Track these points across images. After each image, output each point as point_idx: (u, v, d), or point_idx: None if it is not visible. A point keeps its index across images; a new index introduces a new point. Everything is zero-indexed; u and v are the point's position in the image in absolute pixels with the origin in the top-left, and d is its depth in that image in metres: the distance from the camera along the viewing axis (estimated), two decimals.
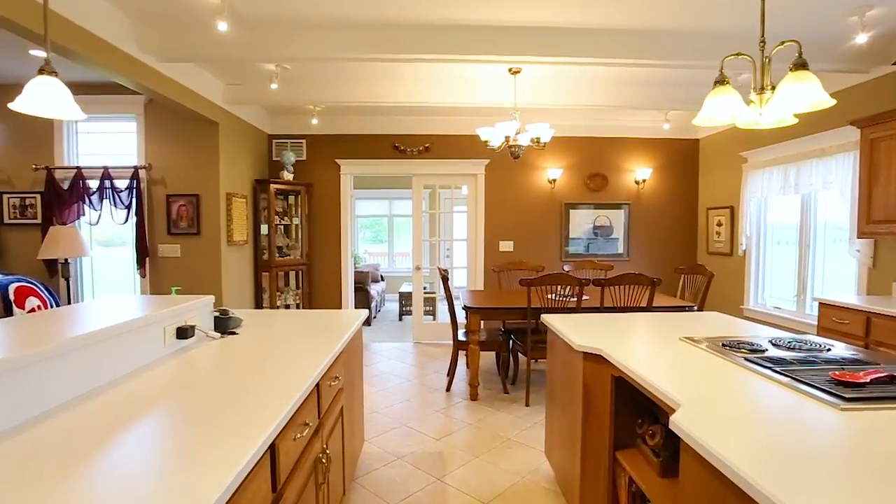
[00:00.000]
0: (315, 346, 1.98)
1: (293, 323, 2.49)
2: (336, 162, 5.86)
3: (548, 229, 6.06)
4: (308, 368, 1.67)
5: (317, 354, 1.84)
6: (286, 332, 2.25)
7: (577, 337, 2.20)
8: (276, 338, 2.14)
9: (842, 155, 4.01)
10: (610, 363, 1.96)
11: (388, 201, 10.21)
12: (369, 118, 5.79)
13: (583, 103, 4.63)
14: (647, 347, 2.02)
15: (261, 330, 2.31)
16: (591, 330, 2.37)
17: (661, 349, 1.98)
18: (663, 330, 2.36)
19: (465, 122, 5.84)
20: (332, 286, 5.96)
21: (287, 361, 1.75)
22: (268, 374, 1.59)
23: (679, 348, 1.99)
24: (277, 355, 1.83)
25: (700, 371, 1.67)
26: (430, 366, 5.06)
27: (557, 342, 2.50)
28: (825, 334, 3.47)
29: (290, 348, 1.94)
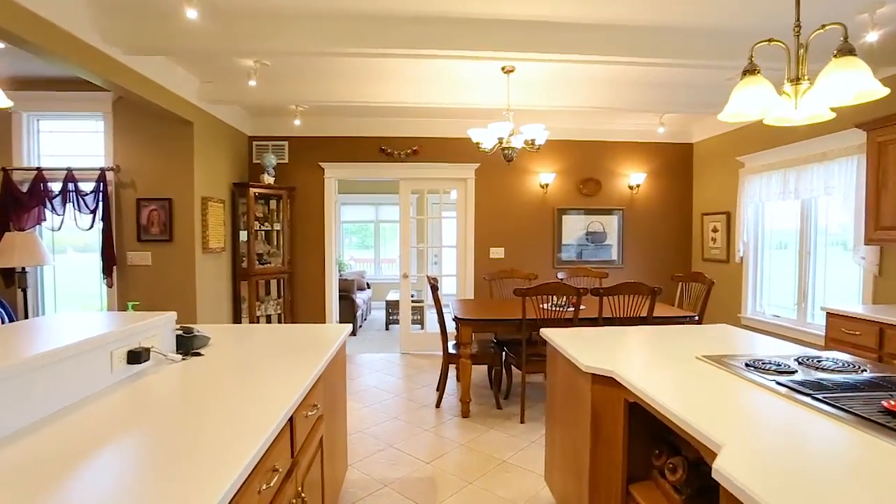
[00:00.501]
0: (291, 370, 1.73)
1: (268, 340, 2.24)
2: (320, 165, 5.61)
3: (540, 236, 5.88)
4: (280, 399, 1.42)
5: (292, 381, 1.60)
6: (258, 352, 2.00)
7: (583, 356, 1.99)
8: (246, 359, 1.89)
9: (844, 159, 3.88)
10: (622, 386, 1.75)
11: (375, 206, 9.96)
12: (355, 119, 5.56)
13: (578, 105, 4.45)
14: (663, 369, 1.82)
15: (230, 349, 2.05)
16: (595, 346, 2.16)
17: (680, 371, 1.78)
18: (675, 346, 2.16)
19: (455, 125, 5.64)
20: (316, 295, 5.69)
21: (256, 389, 1.50)
22: (231, 407, 1.35)
23: (699, 370, 1.79)
24: (245, 382, 1.58)
25: (732, 400, 1.47)
26: (419, 379, 4.81)
27: (559, 359, 2.28)
28: (834, 346, 3.32)
29: (262, 372, 1.70)
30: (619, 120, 5.59)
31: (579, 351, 2.07)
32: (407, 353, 5.86)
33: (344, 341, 2.43)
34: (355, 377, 4.86)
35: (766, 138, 4.76)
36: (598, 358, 1.96)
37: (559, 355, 2.28)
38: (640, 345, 2.21)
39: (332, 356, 2.11)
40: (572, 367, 2.06)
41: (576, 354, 2.01)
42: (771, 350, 2.11)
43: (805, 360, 1.88)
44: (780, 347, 2.17)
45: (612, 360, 1.93)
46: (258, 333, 2.42)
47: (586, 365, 1.89)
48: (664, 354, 2.02)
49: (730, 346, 2.17)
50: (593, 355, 2.00)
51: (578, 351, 2.07)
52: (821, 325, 4.20)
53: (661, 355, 2.01)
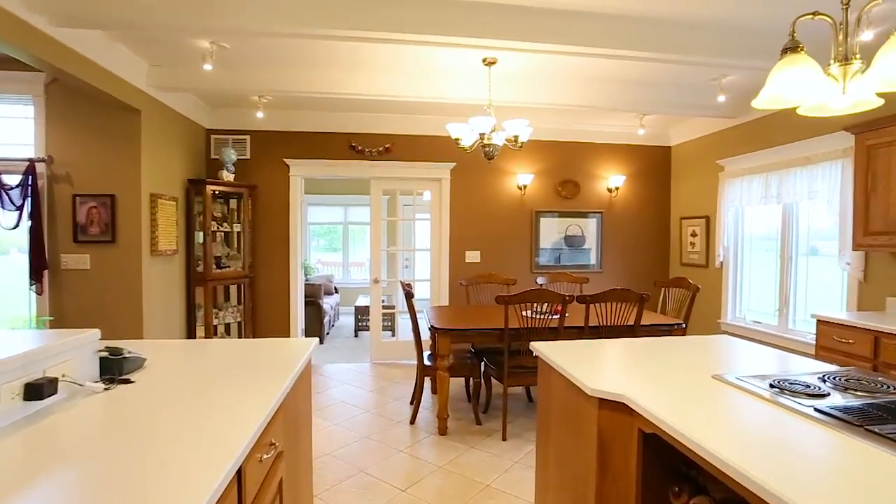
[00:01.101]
0: (245, 399, 1.41)
1: (218, 360, 1.90)
2: (285, 162, 5.22)
3: (517, 239, 5.66)
4: (226, 444, 1.11)
5: (244, 416, 1.28)
6: (205, 376, 1.66)
7: (586, 376, 1.74)
8: (187, 386, 1.55)
9: (828, 163, 3.82)
10: (635, 413, 1.52)
11: (343, 208, 9.57)
12: (323, 114, 5.20)
13: (561, 103, 4.25)
14: (678, 392, 1.59)
15: (170, 373, 1.71)
16: (595, 363, 1.92)
17: (700, 396, 1.55)
18: (682, 363, 1.94)
19: (431, 122, 5.36)
20: (280, 301, 5.29)
21: (195, 430, 1.18)
22: (155, 459, 1.02)
23: (721, 394, 1.57)
24: (182, 419, 1.25)
25: (774, 434, 1.24)
26: (391, 391, 4.49)
27: (554, 377, 2.03)
28: (824, 354, 3.21)
29: (206, 404, 1.37)
30: (600, 120, 5.45)
31: (579, 369, 1.82)
32: (378, 362, 5.53)
33: (310, 358, 2.11)
34: (322, 390, 4.49)
35: (746, 142, 4.70)
36: (604, 379, 1.71)
37: (554, 373, 2.03)
38: (643, 361, 1.98)
39: (296, 377, 1.79)
40: (572, 388, 1.81)
41: (579, 375, 1.76)
42: (785, 365, 1.92)
43: (830, 377, 1.69)
44: (793, 362, 1.99)
45: (619, 381, 1.69)
46: (208, 351, 2.07)
47: (593, 388, 1.64)
48: (674, 373, 1.80)
49: (740, 362, 1.97)
50: (597, 375, 1.75)
51: (579, 369, 1.82)
52: (803, 332, 4.14)
53: (671, 375, 1.78)
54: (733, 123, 4.85)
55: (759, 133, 4.53)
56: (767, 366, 1.93)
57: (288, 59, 3.73)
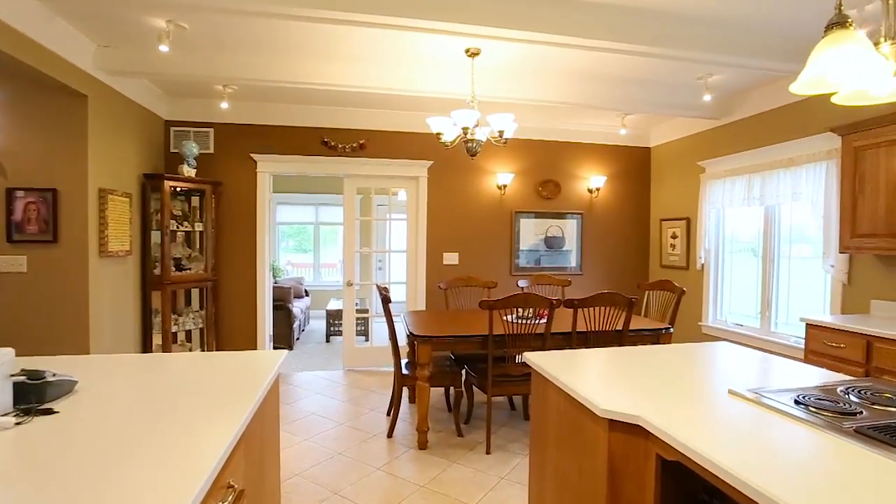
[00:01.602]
0: (194, 434, 1.16)
1: (167, 380, 1.63)
2: (251, 157, 4.89)
3: (497, 240, 5.49)
4: (167, 499, 0.86)
5: (189, 462, 1.03)
6: (147, 404, 1.39)
7: (593, 393, 1.55)
8: (123, 418, 1.28)
9: (813, 165, 3.78)
10: (651, 436, 1.34)
11: (314, 207, 9.21)
12: (293, 106, 4.90)
13: (545, 99, 4.10)
14: (697, 412, 1.41)
15: (104, 400, 1.43)
16: (597, 376, 1.74)
17: (720, 414, 1.38)
18: (692, 376, 1.78)
19: (408, 118, 5.13)
20: (246, 305, 4.95)
21: (126, 479, 0.93)
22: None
23: (742, 412, 1.40)
24: (107, 464, 1.00)
25: (813, 459, 1.08)
26: (366, 401, 4.23)
27: (551, 392, 1.84)
28: (814, 358, 3.14)
29: (142, 443, 1.11)
30: (581, 119, 5.33)
31: (583, 384, 1.63)
32: (351, 369, 5.25)
33: (277, 374, 1.85)
34: (292, 401, 4.20)
35: (728, 143, 4.66)
36: (613, 397, 1.53)
37: (552, 387, 1.83)
38: (649, 374, 1.81)
39: (262, 400, 1.54)
40: (576, 406, 1.62)
41: (585, 392, 1.57)
42: (794, 376, 1.78)
43: (853, 391, 1.56)
44: (801, 372, 1.86)
45: (631, 399, 1.51)
46: (157, 368, 1.79)
47: (603, 409, 1.45)
48: (685, 389, 1.63)
49: (749, 373, 1.82)
50: (604, 392, 1.57)
51: (583, 385, 1.63)
52: (786, 335, 4.10)
53: (683, 391, 1.62)
54: (715, 125, 4.81)
55: (742, 134, 4.49)
56: (777, 377, 1.79)
57: (255, 44, 3.44)
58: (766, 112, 4.22)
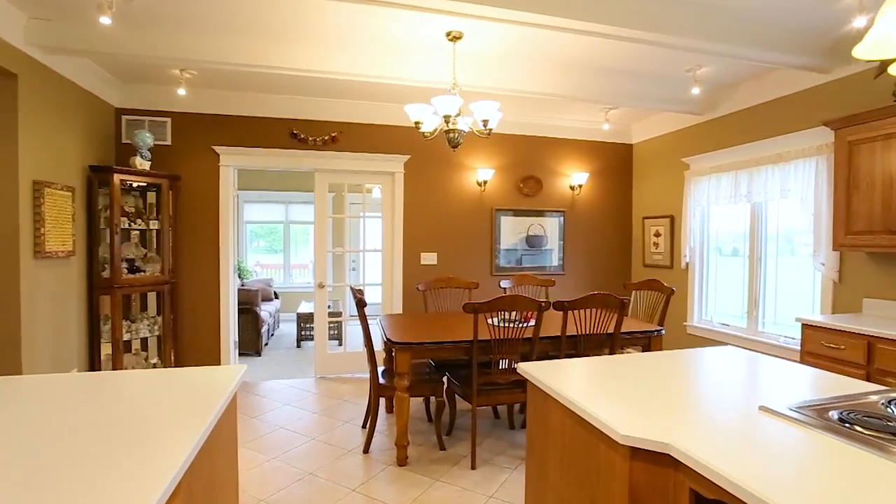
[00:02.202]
0: (113, 485, 0.87)
1: (88, 410, 1.32)
2: (214, 150, 4.52)
3: (477, 239, 5.26)
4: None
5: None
6: (51, 444, 1.09)
7: (608, 414, 1.33)
8: (14, 468, 0.98)
9: (802, 161, 3.69)
10: (682, 466, 1.12)
11: (284, 205, 8.81)
12: (260, 96, 4.56)
13: (529, 90, 3.89)
14: (731, 435, 1.20)
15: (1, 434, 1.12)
16: (607, 392, 1.52)
17: (758, 437, 1.17)
18: (713, 389, 1.58)
19: (383, 109, 4.85)
20: (208, 309, 4.58)
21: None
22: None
23: (783, 433, 1.20)
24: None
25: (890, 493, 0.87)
26: (340, 412, 3.94)
27: (553, 409, 1.61)
28: (810, 360, 3.02)
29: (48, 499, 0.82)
30: (564, 114, 5.16)
31: (594, 402, 1.41)
32: (324, 377, 4.93)
33: (232, 396, 1.57)
34: (258, 414, 3.86)
35: (713, 139, 4.55)
36: (633, 419, 1.30)
37: (553, 403, 1.61)
38: (663, 388, 1.60)
39: (212, 428, 1.26)
40: (586, 428, 1.40)
41: (599, 413, 1.34)
42: (818, 384, 1.60)
43: (893, 403, 1.38)
44: (825, 379, 1.68)
45: (653, 421, 1.29)
46: (80, 392, 1.48)
47: (624, 434, 1.22)
48: (710, 406, 1.43)
49: (773, 383, 1.64)
50: (620, 412, 1.35)
51: (593, 403, 1.41)
52: (774, 335, 4.01)
53: (708, 408, 1.41)
54: (699, 120, 4.70)
55: (728, 130, 4.39)
56: (799, 385, 1.61)
57: (214, 23, 3.11)
58: (754, 107, 4.12)
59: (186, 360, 4.51)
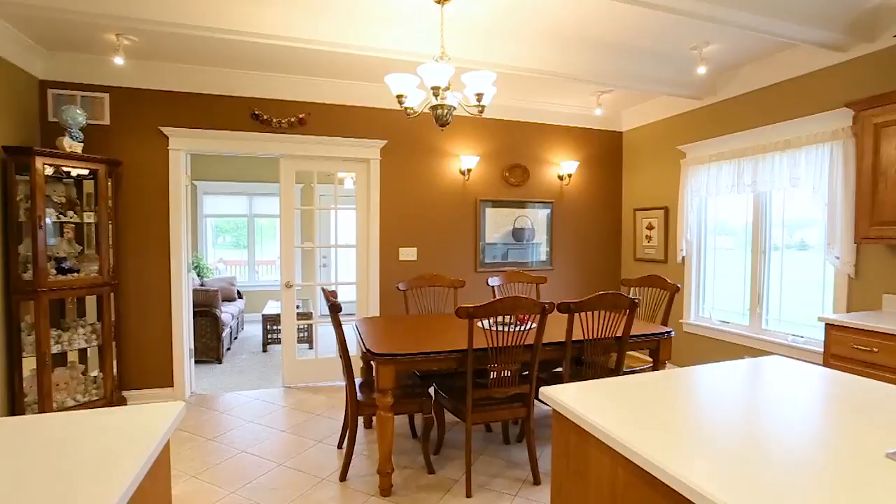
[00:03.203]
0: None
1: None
2: (161, 131, 3.94)
3: (460, 232, 4.85)
4: None
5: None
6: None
7: (700, 476, 0.94)
8: None
9: (813, 147, 3.43)
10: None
11: (248, 197, 8.18)
12: (216, 70, 4.00)
13: (521, 66, 3.49)
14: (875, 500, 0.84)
15: None
16: (664, 426, 1.13)
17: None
18: (811, 424, 1.22)
19: (357, 89, 4.37)
20: (158, 313, 4.01)
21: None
22: None
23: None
24: None
25: None
26: (312, 429, 3.47)
27: (592, 451, 1.23)
28: (836, 363, 2.75)
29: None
30: (553, 98, 4.79)
31: (664, 450, 1.02)
32: (293, 386, 4.44)
33: (162, 448, 1.11)
34: (216, 435, 3.36)
35: (712, 126, 4.27)
36: (732, 479, 0.92)
37: (595, 444, 1.22)
38: (752, 423, 1.23)
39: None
40: (656, 487, 1.01)
41: (684, 473, 0.95)
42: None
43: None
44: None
45: (758, 477, 0.91)
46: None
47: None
48: (823, 451, 1.06)
49: (873, 410, 1.29)
50: (707, 467, 0.96)
51: (666, 452, 1.02)
52: (780, 333, 3.77)
53: (824, 455, 1.04)
54: (697, 105, 4.41)
55: (729, 115, 4.11)
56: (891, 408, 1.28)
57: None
58: (760, 90, 3.84)
59: (132, 373, 3.94)
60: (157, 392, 3.99)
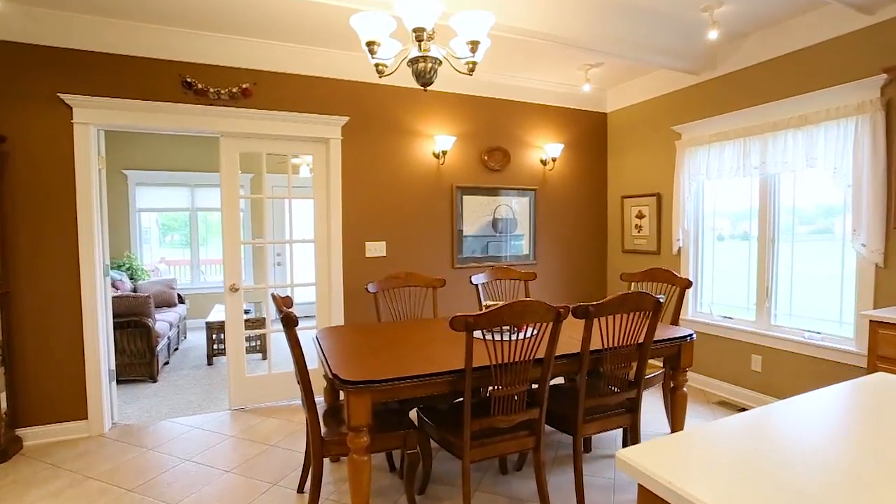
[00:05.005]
0: None
1: None
2: (62, 100, 3.14)
3: (434, 224, 4.28)
4: None
5: None
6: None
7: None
8: None
9: (834, 122, 3.07)
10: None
11: (190, 189, 7.27)
12: (136, 27, 3.23)
13: (512, 24, 2.95)
14: None
15: None
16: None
17: None
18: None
19: (314, 55, 3.71)
20: (65, 329, 3.22)
21: None
22: None
23: None
24: None
25: None
26: (265, 467, 2.82)
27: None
28: (887, 367, 2.38)
29: None
30: (535, 73, 4.28)
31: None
32: (242, 409, 3.75)
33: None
34: (140, 482, 2.65)
35: (711, 103, 3.89)
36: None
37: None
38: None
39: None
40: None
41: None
42: None
43: None
44: None
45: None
46: None
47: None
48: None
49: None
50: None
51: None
52: (791, 329, 3.43)
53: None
54: (694, 81, 4.02)
55: (732, 91, 3.73)
56: None
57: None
58: (769, 61, 3.47)
59: (31, 405, 3.15)
60: (66, 427, 3.21)
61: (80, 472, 2.71)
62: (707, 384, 4.00)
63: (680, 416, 2.68)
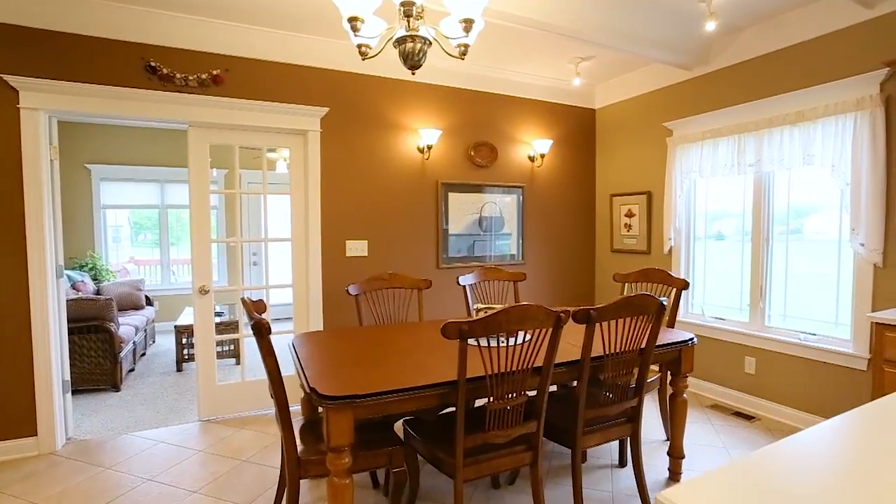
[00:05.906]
0: None
1: None
2: (7, 82, 2.84)
3: (418, 222, 4.08)
4: None
5: None
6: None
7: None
8: None
9: (832, 119, 2.99)
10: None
11: (160, 184, 6.90)
12: (90, 3, 2.95)
13: (503, 8, 2.78)
14: None
15: None
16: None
17: None
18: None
19: (292, 41, 3.47)
20: (9, 336, 2.92)
21: None
22: None
23: None
24: None
25: None
26: (236, 486, 2.59)
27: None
28: (893, 371, 2.29)
29: None
30: (524, 66, 4.12)
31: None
32: (212, 420, 3.49)
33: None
34: (100, 500, 2.39)
35: (704, 99, 3.79)
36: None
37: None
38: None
39: None
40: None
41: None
42: None
43: None
44: None
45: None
46: None
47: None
48: None
49: None
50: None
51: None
52: (786, 331, 3.35)
53: None
54: (686, 77, 3.92)
55: (726, 86, 3.64)
56: None
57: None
58: (765, 56, 3.38)
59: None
60: (12, 445, 2.90)
61: (23, 498, 2.43)
62: (699, 387, 3.90)
63: (680, 424, 2.55)
